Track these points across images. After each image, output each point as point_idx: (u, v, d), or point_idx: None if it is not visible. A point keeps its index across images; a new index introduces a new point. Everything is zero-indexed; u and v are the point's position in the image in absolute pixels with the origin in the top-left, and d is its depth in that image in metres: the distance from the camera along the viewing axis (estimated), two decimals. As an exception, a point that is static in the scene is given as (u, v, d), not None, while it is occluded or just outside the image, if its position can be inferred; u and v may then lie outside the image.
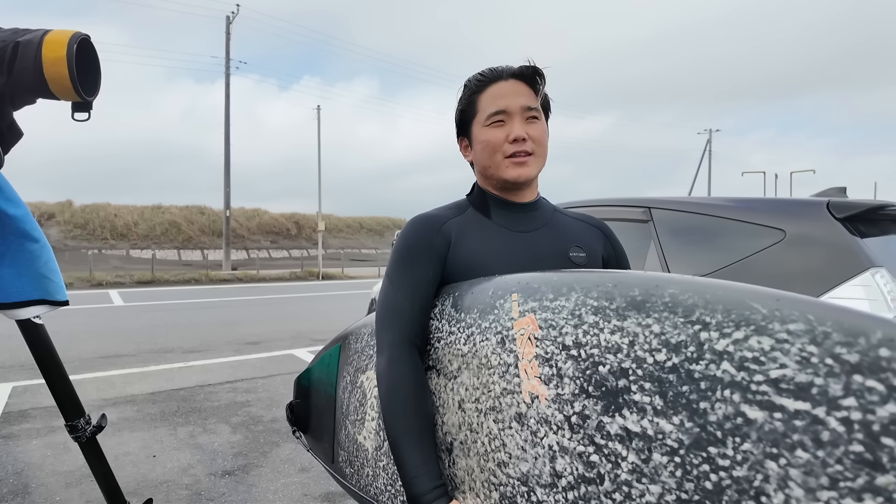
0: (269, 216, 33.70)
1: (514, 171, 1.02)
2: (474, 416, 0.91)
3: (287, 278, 20.03)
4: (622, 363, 0.70)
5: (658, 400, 0.66)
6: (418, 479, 0.89)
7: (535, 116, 1.02)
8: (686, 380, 0.63)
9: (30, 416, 3.94)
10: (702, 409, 0.61)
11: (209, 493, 2.75)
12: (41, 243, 1.30)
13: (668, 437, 0.64)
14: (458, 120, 1.09)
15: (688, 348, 0.64)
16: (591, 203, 2.90)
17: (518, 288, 0.88)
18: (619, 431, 0.69)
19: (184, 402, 4.34)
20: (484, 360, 0.89)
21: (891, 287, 1.77)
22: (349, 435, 1.32)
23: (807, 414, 0.54)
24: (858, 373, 0.51)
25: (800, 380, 0.54)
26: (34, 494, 2.72)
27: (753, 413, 0.57)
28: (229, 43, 22.26)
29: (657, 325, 0.68)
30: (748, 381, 0.58)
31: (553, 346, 0.79)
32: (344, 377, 1.39)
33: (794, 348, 0.55)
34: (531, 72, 1.01)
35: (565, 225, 1.10)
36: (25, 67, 1.11)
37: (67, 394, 1.46)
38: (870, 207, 1.98)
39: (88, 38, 1.18)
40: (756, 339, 0.58)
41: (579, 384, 0.75)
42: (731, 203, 2.27)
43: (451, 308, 0.99)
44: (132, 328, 8.02)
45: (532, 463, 0.80)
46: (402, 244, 1.04)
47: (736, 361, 0.60)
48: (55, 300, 1.33)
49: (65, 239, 25.84)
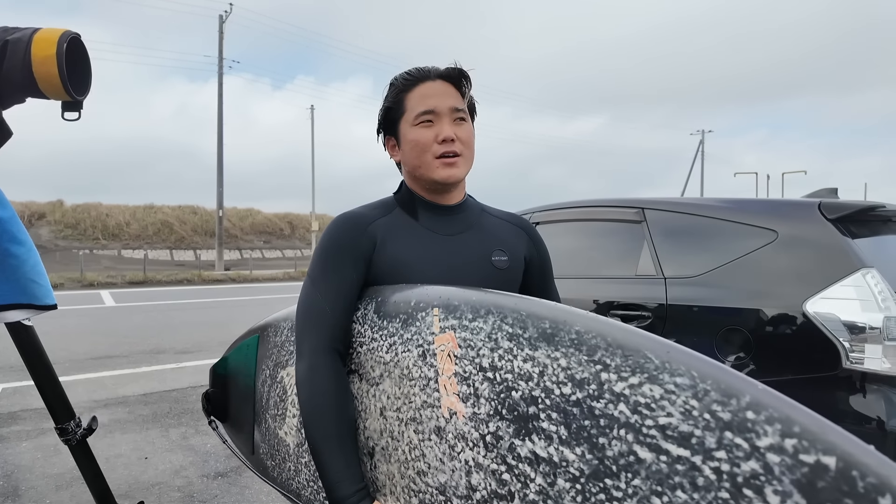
0: (262, 216, 33.58)
1: (443, 172, 1.01)
2: (395, 424, 0.93)
3: (280, 278, 19.95)
4: (532, 391, 0.74)
5: (563, 430, 0.71)
6: (340, 484, 0.89)
7: (462, 118, 1.03)
8: (588, 415, 0.69)
9: (20, 417, 3.91)
10: (600, 444, 0.67)
11: (201, 494, 2.73)
12: (27, 246, 1.28)
13: (571, 466, 0.69)
14: (382, 118, 1.08)
15: (590, 385, 0.69)
16: (585, 203, 2.91)
17: (439, 302, 0.89)
18: (529, 455, 0.74)
19: (176, 403, 4.32)
20: (405, 370, 0.91)
21: (881, 287, 1.78)
22: (269, 429, 1.32)
23: (687, 460, 0.60)
24: (729, 430, 0.57)
25: (683, 429, 0.61)
26: (24, 497, 2.70)
27: (643, 453, 0.63)
28: (222, 42, 22.17)
29: (564, 360, 0.72)
30: (640, 423, 0.64)
31: (471, 366, 0.82)
32: (263, 370, 1.38)
33: (680, 400, 0.61)
34: (458, 74, 1.02)
35: (491, 227, 1.11)
36: (14, 66, 1.09)
37: (57, 396, 1.44)
38: (861, 208, 2.00)
39: (78, 37, 1.17)
40: (648, 386, 0.64)
41: (494, 405, 0.78)
42: (724, 204, 2.28)
43: (373, 314, 0.99)
44: (124, 329, 7.96)
45: (449, 475, 0.84)
46: (326, 244, 1.02)
47: (631, 405, 0.65)
48: (42, 304, 1.31)
49: (55, 239, 25.63)
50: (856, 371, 1.74)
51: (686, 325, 2.19)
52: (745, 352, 1.99)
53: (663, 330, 2.23)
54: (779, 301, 1.95)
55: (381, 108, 1.08)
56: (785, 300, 1.93)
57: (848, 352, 1.76)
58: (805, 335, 1.85)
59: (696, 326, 2.17)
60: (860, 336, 1.75)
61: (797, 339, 1.88)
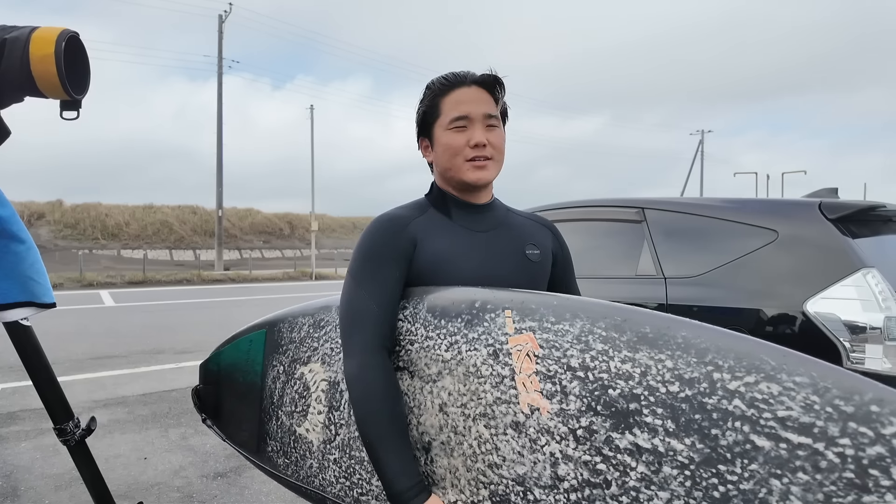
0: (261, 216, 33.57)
1: (473, 174, 1.06)
2: (460, 420, 0.95)
3: (280, 278, 19.95)
4: (633, 389, 0.77)
5: (670, 423, 0.73)
6: (399, 478, 0.92)
7: (494, 124, 1.07)
8: (698, 409, 0.71)
9: (19, 418, 3.90)
10: (713, 434, 0.69)
11: (201, 495, 2.73)
12: (27, 244, 1.28)
13: (679, 454, 0.72)
14: (419, 121, 1.13)
15: (701, 384, 0.71)
16: (585, 203, 2.90)
17: (512, 305, 0.93)
18: (629, 446, 0.76)
19: (175, 403, 4.31)
20: (472, 368, 0.94)
21: (882, 287, 1.78)
22: (283, 426, 1.31)
23: (808, 447, 0.64)
24: (853, 420, 0.62)
25: (803, 420, 0.64)
26: (23, 497, 2.69)
27: (761, 441, 0.66)
28: (222, 42, 22.15)
29: (670, 361, 0.74)
30: (757, 416, 0.67)
31: (556, 366, 0.85)
32: (273, 366, 1.36)
33: (800, 396, 0.65)
34: (492, 80, 1.07)
35: (519, 224, 1.16)
36: (12, 65, 1.09)
37: (56, 397, 1.44)
38: (861, 208, 1.99)
39: (77, 36, 1.16)
40: (766, 384, 0.67)
41: (586, 402, 0.81)
42: (724, 204, 2.28)
43: (426, 313, 1.01)
44: (123, 329, 7.95)
45: (530, 466, 0.86)
46: (367, 244, 1.05)
47: (747, 400, 0.68)
48: (41, 302, 1.31)
49: (55, 239, 25.62)
50: (857, 371, 1.74)
51: (686, 325, 2.19)
52: (745, 352, 1.98)
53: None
54: (779, 301, 1.94)
55: (418, 111, 1.12)
56: (785, 300, 1.92)
57: (849, 352, 1.75)
58: (806, 335, 1.85)
59: (697, 326, 2.17)
60: (861, 336, 1.75)
61: (798, 339, 1.88)
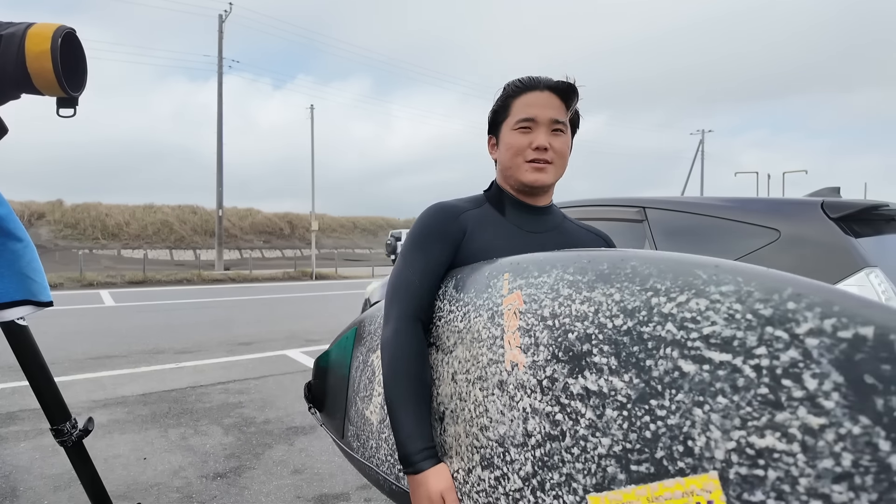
0: (262, 216, 33.58)
1: (531, 176, 1.08)
2: (464, 385, 0.98)
3: (280, 278, 19.94)
4: (587, 329, 0.77)
5: (613, 360, 0.72)
6: (411, 440, 0.96)
7: (561, 130, 1.08)
8: (637, 340, 0.70)
9: (18, 418, 3.89)
10: (647, 366, 0.68)
11: (201, 495, 2.72)
12: (24, 242, 1.27)
13: (619, 394, 0.71)
14: (490, 119, 1.16)
15: (640, 312, 0.71)
16: (586, 203, 2.89)
17: (510, 268, 0.96)
18: (580, 391, 0.76)
19: (175, 403, 4.30)
20: (476, 334, 0.97)
21: (885, 287, 1.77)
22: (358, 410, 1.40)
23: (728, 364, 0.60)
24: (770, 324, 0.58)
25: (725, 335, 0.61)
26: (22, 498, 2.68)
27: (687, 366, 0.64)
28: (222, 41, 22.15)
29: (618, 294, 0.75)
30: (685, 338, 0.65)
31: (533, 318, 0.86)
32: (357, 357, 1.47)
33: (724, 307, 0.62)
34: (566, 87, 1.08)
35: (573, 232, 1.18)
36: (8, 61, 1.08)
37: (53, 397, 1.42)
38: (864, 207, 1.98)
39: (74, 32, 1.15)
40: (695, 301, 0.65)
41: (551, 351, 0.81)
42: (726, 203, 2.27)
43: (452, 290, 1.06)
44: (123, 329, 7.94)
45: (508, 425, 0.87)
46: (419, 226, 1.10)
47: (678, 321, 0.66)
48: (39, 301, 1.30)
49: (55, 239, 25.62)
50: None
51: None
52: (747, 352, 1.97)
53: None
54: (781, 301, 1.93)
55: (491, 110, 1.15)
56: (788, 300, 1.91)
57: (852, 352, 1.74)
58: (808, 335, 1.84)
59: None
60: (864, 336, 1.74)
61: (800, 339, 1.87)
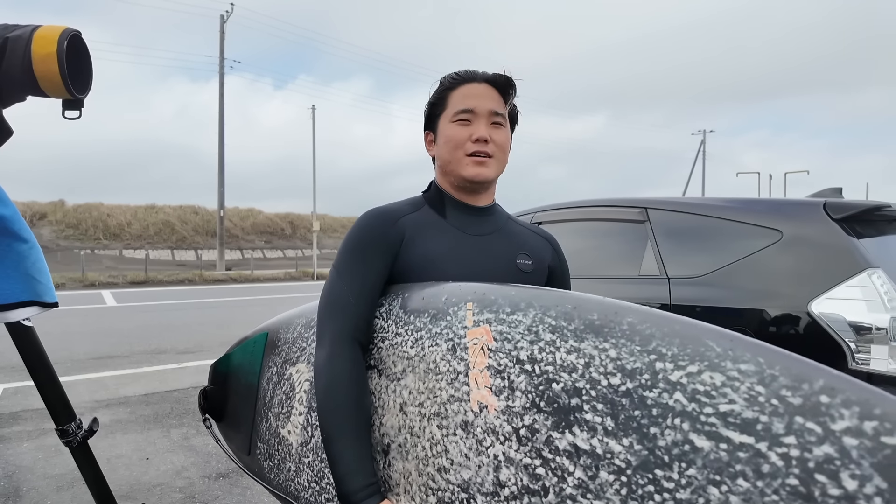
0: (263, 216, 33.59)
1: (473, 170, 1.03)
2: (416, 420, 0.90)
3: (282, 278, 19.95)
4: (576, 382, 0.71)
5: (609, 421, 0.67)
6: (351, 476, 0.87)
7: (500, 123, 1.04)
8: (639, 405, 0.65)
9: (21, 418, 3.90)
10: (651, 434, 0.64)
11: (203, 495, 2.72)
12: (30, 244, 1.28)
13: (617, 457, 0.66)
14: (426, 113, 1.11)
15: (642, 375, 0.65)
16: (588, 203, 2.90)
17: (474, 297, 0.88)
18: (568, 447, 0.71)
19: (177, 403, 4.31)
20: (432, 365, 0.89)
21: (887, 287, 1.77)
22: (271, 427, 1.29)
23: (750, 447, 0.57)
24: (800, 414, 0.54)
25: (746, 416, 0.57)
26: (25, 498, 2.69)
27: (700, 441, 0.60)
28: (223, 42, 22.17)
29: (614, 350, 0.69)
30: (698, 411, 0.61)
31: (507, 359, 0.80)
32: (269, 367, 1.35)
33: (744, 386, 0.58)
34: (504, 80, 1.04)
35: (517, 233, 1.13)
36: (14, 64, 1.08)
37: (58, 398, 1.43)
38: (866, 208, 1.98)
39: (79, 35, 1.16)
40: (709, 374, 0.61)
41: (531, 398, 0.76)
42: (728, 204, 2.27)
43: (398, 309, 0.98)
44: (125, 329, 7.95)
45: (475, 471, 0.80)
46: (354, 236, 1.02)
47: (688, 393, 0.62)
48: (44, 302, 1.31)
49: (57, 239, 25.66)
50: (862, 372, 1.73)
51: (690, 325, 2.18)
52: (749, 352, 1.97)
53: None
54: (784, 301, 1.93)
55: (427, 104, 1.10)
56: (790, 300, 1.91)
57: (854, 353, 1.74)
58: (810, 336, 1.84)
59: (700, 327, 2.16)
60: (866, 337, 1.74)
61: (802, 339, 1.87)
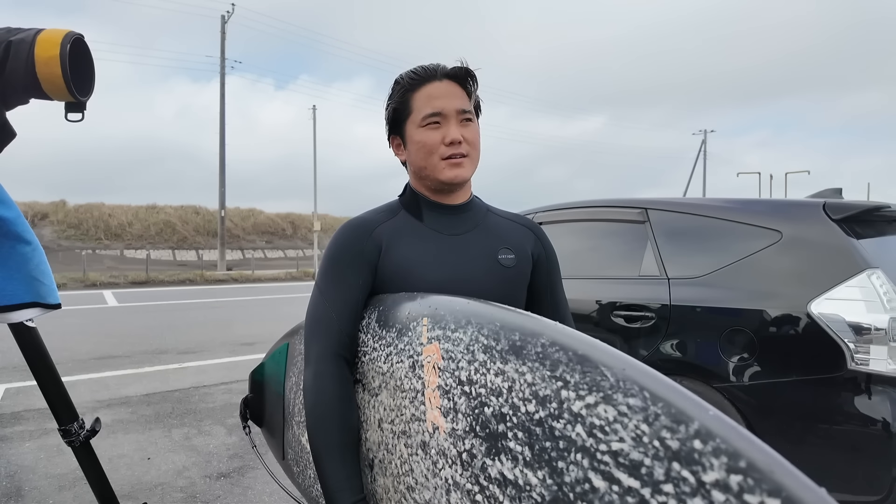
0: (264, 216, 33.60)
1: (450, 173, 1.01)
2: (390, 437, 0.92)
3: (283, 278, 19.97)
4: (502, 407, 0.72)
5: (527, 451, 0.68)
6: (340, 494, 0.89)
7: (468, 118, 1.02)
8: (549, 436, 0.66)
9: (23, 418, 3.91)
10: (559, 468, 0.64)
11: (204, 495, 2.73)
12: (33, 245, 1.28)
13: (534, 490, 0.66)
14: (389, 118, 1.07)
15: (551, 404, 0.66)
16: (588, 204, 2.90)
17: (429, 312, 0.88)
18: (497, 476, 0.71)
19: (179, 403, 4.32)
20: (398, 382, 0.90)
21: (886, 288, 1.78)
22: (295, 435, 1.33)
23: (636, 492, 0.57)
24: (677, 460, 0.54)
25: (633, 457, 0.57)
26: (27, 498, 2.70)
27: (598, 481, 0.60)
28: (224, 42, 22.19)
29: (530, 375, 0.69)
30: (595, 448, 0.61)
31: (451, 379, 0.80)
32: (290, 377, 1.39)
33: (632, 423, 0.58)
34: (464, 73, 1.02)
35: (496, 226, 1.10)
36: (18, 67, 1.09)
37: (60, 398, 1.44)
38: (866, 209, 1.99)
39: (82, 38, 1.16)
40: (603, 406, 0.61)
41: (469, 422, 0.76)
42: (728, 204, 2.27)
43: (375, 323, 0.98)
44: (126, 329, 7.97)
45: (433, 492, 0.81)
46: (331, 251, 1.02)
47: (587, 426, 0.62)
48: (47, 303, 1.31)
49: (58, 239, 25.69)
50: (861, 372, 1.74)
51: (690, 325, 2.19)
52: (749, 353, 1.98)
53: (667, 331, 2.23)
54: (783, 302, 1.94)
55: (388, 108, 1.06)
56: (789, 301, 1.92)
57: (853, 353, 1.75)
58: (810, 336, 1.84)
59: (700, 327, 2.16)
60: (865, 337, 1.74)
61: (802, 340, 1.88)
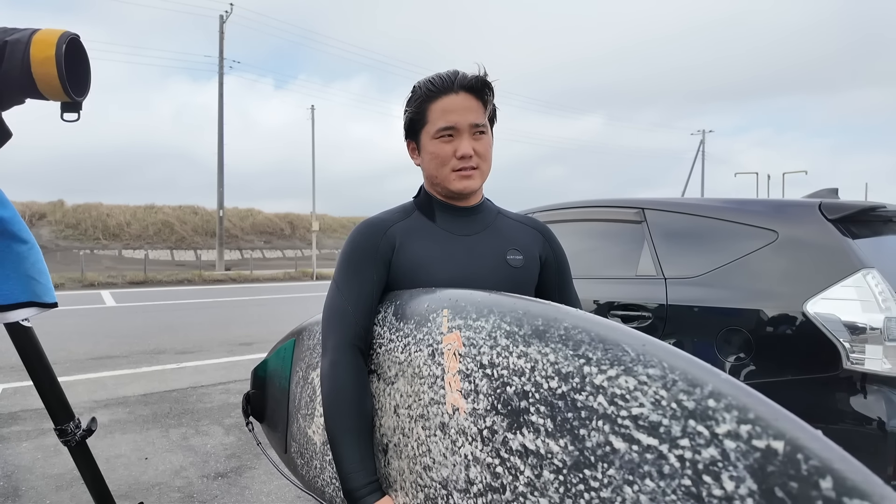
0: (262, 216, 33.57)
1: (460, 184, 1.06)
2: (406, 421, 0.98)
3: (281, 278, 19.95)
4: (524, 386, 0.78)
5: (549, 423, 0.74)
6: (354, 475, 0.95)
7: (482, 131, 1.06)
8: (571, 407, 0.72)
9: (20, 418, 3.91)
10: (581, 435, 0.71)
11: (202, 495, 2.73)
12: (30, 244, 1.28)
13: (556, 457, 0.73)
14: (407, 125, 1.12)
15: (574, 379, 0.72)
16: (585, 204, 2.91)
17: (449, 304, 0.95)
18: (519, 448, 0.78)
19: (176, 403, 4.32)
20: (417, 369, 0.97)
21: (882, 288, 1.78)
22: (300, 428, 1.38)
23: (655, 449, 0.63)
24: (693, 418, 0.61)
25: (652, 419, 0.64)
26: (24, 498, 2.70)
27: (618, 443, 0.67)
28: (223, 42, 22.16)
29: (553, 355, 0.76)
30: (616, 414, 0.67)
31: (473, 364, 0.86)
32: (297, 372, 1.45)
33: (651, 390, 0.65)
34: (481, 85, 1.04)
35: (506, 227, 1.15)
36: (13, 67, 1.09)
37: (56, 397, 1.44)
38: (862, 209, 1.99)
39: (78, 38, 1.16)
40: (624, 378, 0.67)
41: (491, 401, 0.83)
42: (724, 204, 2.28)
43: (392, 316, 1.05)
44: (124, 329, 7.96)
45: (451, 469, 0.88)
46: (348, 249, 1.08)
47: (608, 396, 0.68)
48: (43, 302, 1.31)
49: (56, 239, 25.64)
50: (856, 372, 1.74)
51: (686, 325, 2.19)
52: (745, 352, 1.98)
53: (663, 331, 2.23)
54: (779, 301, 1.94)
55: (406, 116, 1.11)
56: (785, 301, 1.92)
57: (848, 352, 1.75)
58: (805, 336, 1.85)
59: (697, 327, 2.17)
60: (861, 337, 1.75)
61: (798, 339, 1.88)
